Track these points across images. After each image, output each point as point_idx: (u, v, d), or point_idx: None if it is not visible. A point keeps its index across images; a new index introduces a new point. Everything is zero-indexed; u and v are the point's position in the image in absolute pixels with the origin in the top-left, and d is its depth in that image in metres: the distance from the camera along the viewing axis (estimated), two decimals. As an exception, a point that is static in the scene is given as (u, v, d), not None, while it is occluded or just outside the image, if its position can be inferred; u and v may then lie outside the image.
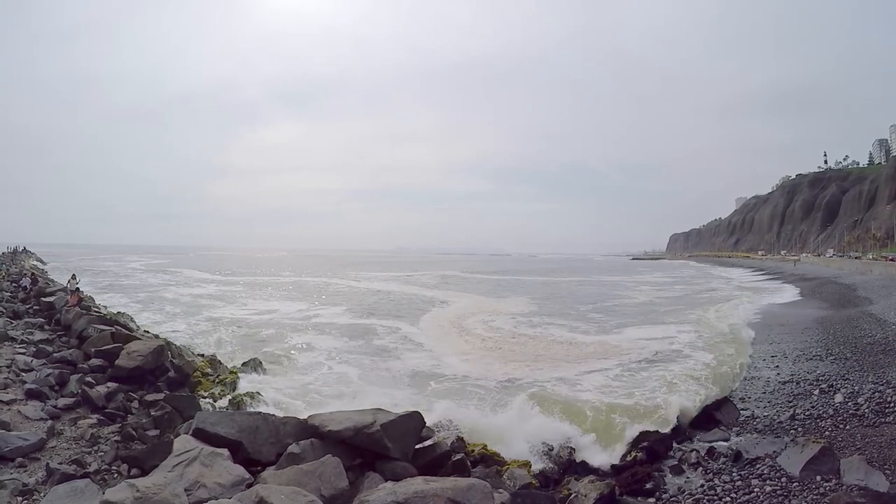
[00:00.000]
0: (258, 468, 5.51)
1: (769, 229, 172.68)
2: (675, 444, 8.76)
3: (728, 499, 6.57)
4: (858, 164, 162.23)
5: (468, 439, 8.30)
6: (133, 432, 6.77)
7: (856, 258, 74.31)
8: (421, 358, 16.69)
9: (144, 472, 5.23)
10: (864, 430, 9.17)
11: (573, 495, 5.96)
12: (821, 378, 12.61)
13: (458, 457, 6.88)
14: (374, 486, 5.00)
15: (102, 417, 7.27)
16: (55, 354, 10.22)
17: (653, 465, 7.63)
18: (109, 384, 8.45)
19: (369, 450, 5.90)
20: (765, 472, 7.27)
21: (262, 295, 38.54)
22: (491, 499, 4.74)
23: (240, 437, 5.71)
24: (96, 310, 17.01)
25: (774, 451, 8.04)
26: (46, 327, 13.86)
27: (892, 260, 60.48)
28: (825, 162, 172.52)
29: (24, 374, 8.73)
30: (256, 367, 13.99)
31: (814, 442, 8.55)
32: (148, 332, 16.00)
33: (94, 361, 9.53)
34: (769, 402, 11.37)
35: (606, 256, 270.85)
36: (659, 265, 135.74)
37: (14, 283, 24.77)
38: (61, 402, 7.63)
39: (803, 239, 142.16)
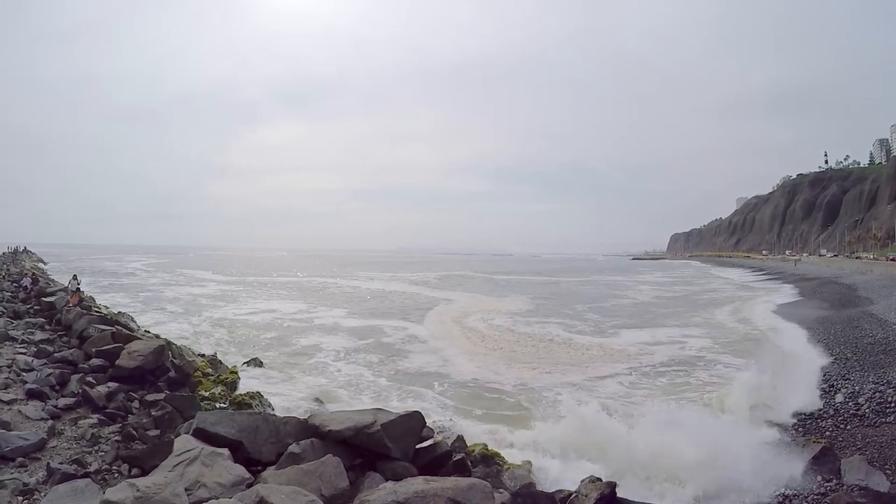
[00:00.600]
0: (258, 468, 5.50)
1: (770, 229, 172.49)
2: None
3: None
4: (859, 163, 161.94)
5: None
6: (133, 432, 6.76)
7: (856, 258, 74.31)
8: (430, 360, 16.58)
9: (145, 472, 5.23)
10: (864, 430, 9.17)
11: (574, 495, 5.94)
12: (822, 378, 12.62)
13: (459, 457, 6.88)
14: (375, 486, 5.00)
15: (103, 417, 7.26)
16: (56, 354, 10.21)
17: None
18: (110, 384, 8.44)
19: (370, 450, 5.90)
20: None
21: (263, 295, 38.58)
22: (491, 499, 4.74)
23: (240, 436, 5.71)
24: (97, 310, 17.02)
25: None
26: (47, 327, 13.85)
27: (892, 260, 60.46)
28: (826, 162, 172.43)
29: (24, 373, 8.73)
30: (257, 366, 14.03)
31: (814, 442, 8.57)
32: (148, 331, 16.00)
33: (95, 361, 9.52)
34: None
35: (607, 256, 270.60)
36: (660, 265, 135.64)
37: (15, 283, 24.77)
38: (62, 401, 7.62)
39: (804, 239, 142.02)
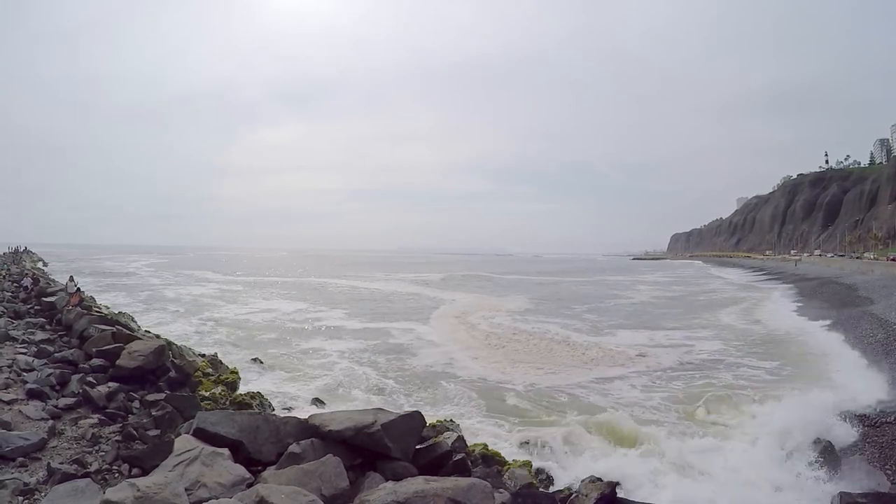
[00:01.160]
0: (259, 468, 5.50)
1: (770, 229, 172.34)
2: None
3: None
4: (859, 163, 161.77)
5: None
6: (134, 432, 6.75)
7: (857, 258, 74.28)
8: (437, 359, 16.59)
9: (145, 472, 5.22)
10: (865, 430, 9.17)
11: (574, 495, 5.95)
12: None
13: (459, 457, 6.87)
14: (375, 486, 4.99)
15: (103, 417, 7.25)
16: (56, 354, 10.20)
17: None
18: (110, 384, 8.43)
19: (370, 450, 5.89)
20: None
21: (264, 294, 38.64)
22: (491, 498, 4.73)
23: (240, 436, 5.71)
24: (97, 310, 17.00)
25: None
26: (48, 327, 13.85)
27: (893, 260, 60.39)
28: (826, 162, 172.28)
29: (25, 373, 8.72)
30: (258, 366, 14.04)
31: (815, 441, 8.57)
32: (149, 331, 16.01)
33: (95, 361, 9.51)
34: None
35: (607, 256, 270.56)
36: (660, 265, 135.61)
37: (15, 284, 24.77)
38: (62, 401, 7.61)
39: (804, 239, 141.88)
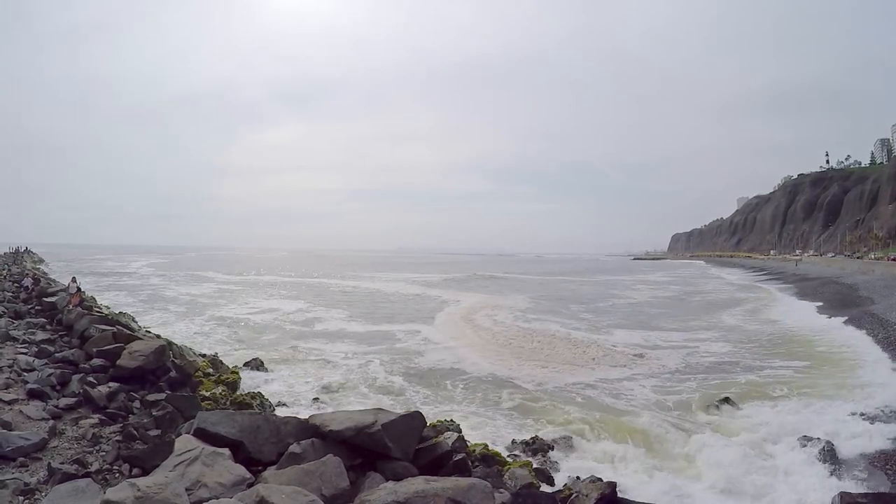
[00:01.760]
0: (259, 468, 5.50)
1: (771, 229, 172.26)
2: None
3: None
4: (860, 163, 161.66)
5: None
6: (134, 432, 6.75)
7: (857, 258, 74.21)
8: (444, 357, 16.54)
9: (146, 472, 5.22)
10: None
11: (574, 495, 5.94)
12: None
13: (460, 457, 6.86)
14: (375, 486, 4.99)
15: (104, 417, 7.25)
16: (57, 354, 10.20)
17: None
18: (111, 384, 8.43)
19: (370, 450, 5.89)
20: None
21: (264, 294, 38.67)
22: (492, 498, 4.73)
23: (241, 436, 5.70)
24: (98, 310, 17.02)
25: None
26: (48, 327, 13.85)
27: (893, 260, 60.35)
28: (827, 162, 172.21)
29: (25, 373, 8.72)
30: (258, 366, 14.03)
31: (815, 441, 8.55)
32: (149, 331, 16.02)
33: (96, 361, 9.50)
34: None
35: (608, 257, 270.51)
36: (661, 265, 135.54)
37: (16, 284, 24.79)
38: (63, 401, 7.60)
39: (805, 239, 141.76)
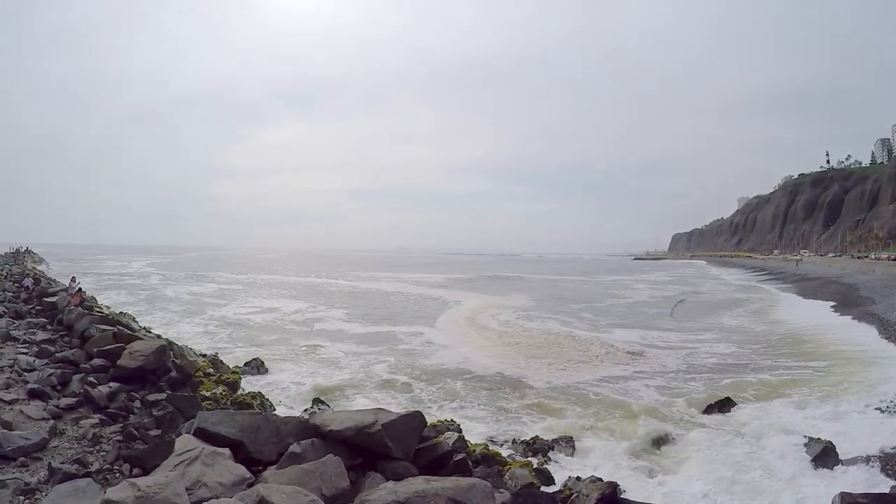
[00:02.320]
0: (259, 468, 5.49)
1: (771, 229, 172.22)
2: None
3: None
4: (861, 163, 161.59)
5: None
6: (135, 432, 6.75)
7: (858, 258, 74.16)
8: (449, 358, 16.56)
9: (146, 472, 5.22)
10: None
11: (574, 495, 5.94)
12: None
13: (460, 457, 6.86)
14: (375, 486, 4.99)
15: (104, 417, 7.24)
16: (57, 354, 10.20)
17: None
18: (111, 384, 8.42)
19: (370, 449, 5.88)
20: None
21: (265, 294, 38.68)
22: (492, 498, 4.73)
23: (241, 436, 5.70)
24: (98, 310, 17.01)
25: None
26: (49, 327, 13.85)
27: (894, 260, 60.30)
28: (827, 161, 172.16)
29: (26, 373, 8.71)
30: (258, 366, 14.04)
31: (816, 441, 8.55)
32: (150, 331, 16.03)
33: (96, 361, 9.50)
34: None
35: (609, 256, 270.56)
36: (661, 265, 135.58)
37: (16, 284, 24.79)
38: (63, 401, 7.60)
39: (805, 239, 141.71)
